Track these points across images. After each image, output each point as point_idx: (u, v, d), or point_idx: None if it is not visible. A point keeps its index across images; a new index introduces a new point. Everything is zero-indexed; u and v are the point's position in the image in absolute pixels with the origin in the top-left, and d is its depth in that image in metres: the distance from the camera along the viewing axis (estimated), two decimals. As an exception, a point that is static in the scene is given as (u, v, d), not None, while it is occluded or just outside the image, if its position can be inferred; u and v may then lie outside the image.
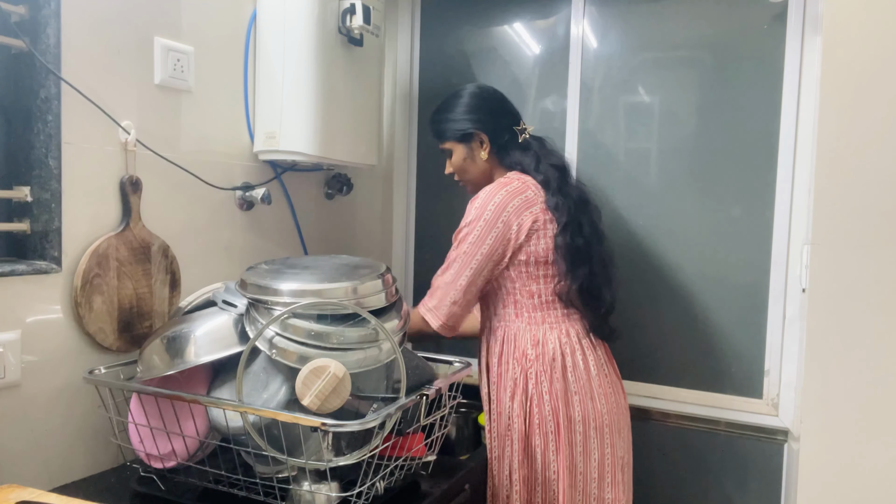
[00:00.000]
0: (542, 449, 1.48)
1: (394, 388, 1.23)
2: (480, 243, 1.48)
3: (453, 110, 1.61)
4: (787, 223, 1.78)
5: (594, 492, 1.49)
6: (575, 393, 1.49)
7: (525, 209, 1.50)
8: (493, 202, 1.48)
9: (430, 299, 1.54)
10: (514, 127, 1.62)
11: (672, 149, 1.91)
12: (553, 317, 1.53)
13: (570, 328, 1.53)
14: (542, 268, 1.51)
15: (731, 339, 1.86)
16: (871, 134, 1.42)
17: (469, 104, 1.61)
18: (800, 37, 1.75)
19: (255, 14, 1.65)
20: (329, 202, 2.03)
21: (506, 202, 1.49)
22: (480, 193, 1.52)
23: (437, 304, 1.52)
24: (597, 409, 1.49)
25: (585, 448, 1.48)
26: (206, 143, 1.56)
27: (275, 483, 1.13)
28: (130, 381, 1.24)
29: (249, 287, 1.20)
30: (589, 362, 1.51)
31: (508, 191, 1.50)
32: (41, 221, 1.26)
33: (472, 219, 1.49)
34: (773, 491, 1.76)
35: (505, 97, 1.66)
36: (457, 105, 1.61)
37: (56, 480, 1.26)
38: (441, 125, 1.63)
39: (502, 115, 1.63)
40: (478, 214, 1.49)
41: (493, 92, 1.65)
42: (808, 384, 1.49)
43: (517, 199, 1.50)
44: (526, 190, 1.52)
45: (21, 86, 1.26)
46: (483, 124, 1.59)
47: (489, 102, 1.63)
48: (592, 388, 1.50)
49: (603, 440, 1.50)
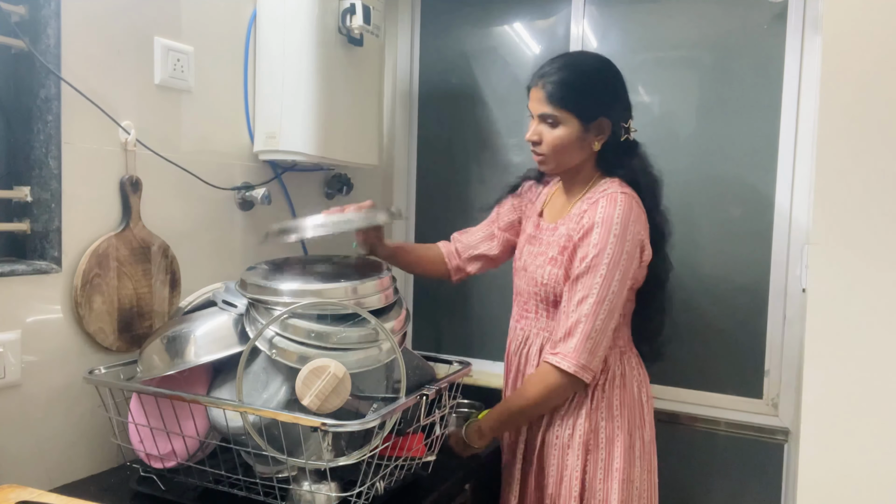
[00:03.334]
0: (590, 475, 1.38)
1: (394, 388, 1.23)
2: (623, 281, 1.31)
3: (592, 80, 1.38)
4: (787, 223, 1.78)
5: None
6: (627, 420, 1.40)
7: (646, 231, 1.36)
8: (630, 228, 1.30)
9: (581, 355, 1.30)
10: (623, 124, 1.40)
11: (672, 149, 1.90)
12: (622, 341, 1.44)
13: (631, 352, 1.47)
14: (631, 291, 1.40)
15: (731, 339, 1.86)
16: (871, 134, 1.42)
17: (610, 83, 1.39)
18: (800, 37, 1.75)
19: (255, 14, 1.65)
20: (329, 202, 2.03)
21: (637, 227, 1.32)
22: (611, 214, 1.31)
23: (590, 360, 1.31)
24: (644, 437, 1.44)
25: (629, 476, 1.39)
26: (206, 143, 1.56)
27: (275, 483, 1.13)
28: (130, 381, 1.24)
29: (249, 287, 1.20)
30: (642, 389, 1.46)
31: (636, 217, 1.32)
32: (41, 221, 1.26)
33: (612, 249, 1.30)
34: (773, 491, 1.76)
35: None
36: (596, 77, 1.38)
37: (56, 480, 1.26)
38: (566, 89, 1.35)
39: (627, 106, 1.42)
40: (618, 245, 1.29)
41: (621, 77, 1.42)
42: (808, 384, 1.48)
43: (642, 221, 1.35)
44: (643, 214, 1.36)
45: (21, 86, 1.26)
46: (615, 114, 1.38)
47: (622, 88, 1.41)
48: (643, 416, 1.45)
49: (643, 467, 1.44)
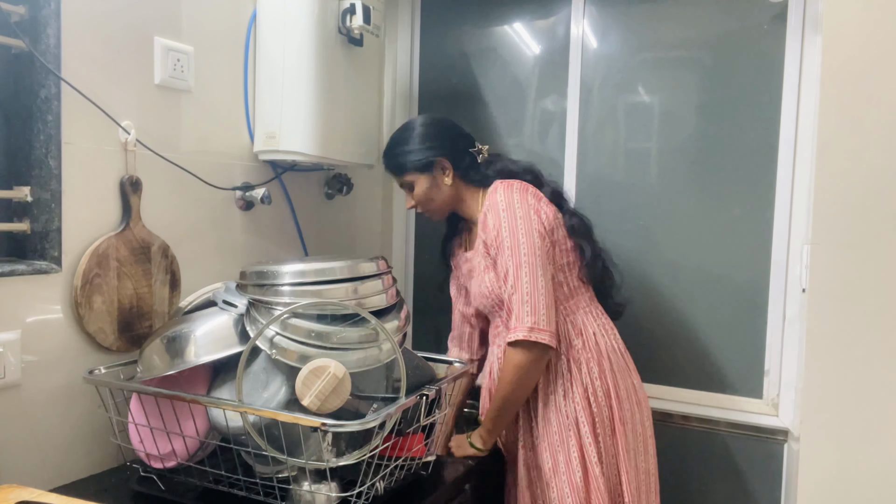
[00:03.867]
0: (608, 434, 1.48)
1: (394, 388, 1.23)
2: (531, 241, 1.44)
3: (409, 142, 1.59)
4: (787, 223, 1.78)
5: (643, 464, 1.53)
6: (617, 372, 1.51)
7: (539, 200, 1.51)
8: (515, 199, 1.47)
9: (525, 319, 1.40)
10: (470, 149, 1.61)
11: (672, 149, 1.90)
12: (584, 302, 1.55)
13: (596, 309, 1.57)
14: (565, 255, 1.52)
15: (731, 339, 1.86)
16: (871, 134, 1.42)
17: (424, 133, 1.59)
18: (800, 37, 1.75)
19: (255, 14, 1.65)
20: (329, 202, 2.03)
21: (524, 196, 1.49)
22: (494, 200, 1.49)
23: (536, 319, 1.40)
24: (634, 382, 1.56)
25: (632, 422, 1.51)
26: (206, 143, 1.56)
27: (275, 483, 1.13)
28: (130, 381, 1.24)
29: (249, 275, 1.20)
30: (619, 339, 1.58)
31: (518, 187, 1.50)
32: (41, 221, 1.26)
33: (507, 222, 1.45)
34: (773, 491, 1.76)
35: (455, 122, 1.66)
36: (411, 137, 1.59)
37: (56, 480, 1.26)
38: (398, 159, 1.60)
39: (458, 138, 1.62)
40: (510, 216, 1.45)
41: (443, 119, 1.65)
42: (808, 384, 1.49)
43: (530, 192, 1.51)
44: (528, 186, 1.53)
45: (21, 86, 1.26)
46: (443, 150, 1.58)
47: (443, 129, 1.62)
48: (628, 364, 1.56)
49: (643, 413, 1.55)
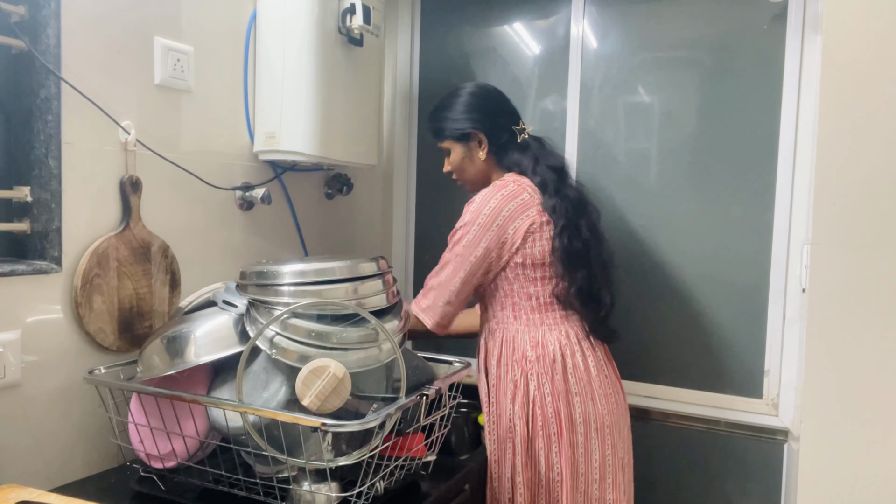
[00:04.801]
0: (545, 451, 1.47)
1: (394, 388, 1.23)
2: (474, 247, 1.48)
3: (452, 109, 1.60)
4: (787, 223, 1.78)
5: (596, 493, 1.48)
6: (576, 394, 1.48)
7: (521, 212, 1.49)
8: (489, 206, 1.48)
9: (424, 299, 1.54)
10: (513, 127, 1.61)
11: (672, 149, 1.91)
12: (552, 318, 1.52)
13: (570, 329, 1.52)
14: (540, 270, 1.51)
15: (731, 339, 1.86)
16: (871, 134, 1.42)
17: (468, 103, 1.59)
18: (800, 37, 1.75)
19: (255, 14, 1.65)
20: (329, 202, 2.03)
21: (501, 206, 1.48)
22: (477, 197, 1.52)
23: (431, 304, 1.52)
24: (597, 410, 1.49)
25: (587, 449, 1.48)
26: (206, 143, 1.56)
27: (275, 483, 1.13)
28: (130, 381, 1.24)
29: (249, 275, 1.20)
30: (589, 363, 1.51)
31: (504, 195, 1.49)
32: (41, 221, 1.25)
33: (468, 221, 1.49)
34: (773, 491, 1.76)
35: (505, 96, 1.65)
36: (455, 104, 1.60)
37: (56, 480, 1.26)
38: (439, 124, 1.62)
39: (501, 114, 1.62)
40: (473, 218, 1.49)
41: (492, 91, 1.64)
42: (808, 384, 1.49)
43: (513, 202, 1.49)
44: (521, 193, 1.51)
45: (21, 86, 1.26)
46: (481, 124, 1.58)
47: (488, 102, 1.61)
48: (593, 389, 1.49)
49: (604, 441, 1.50)
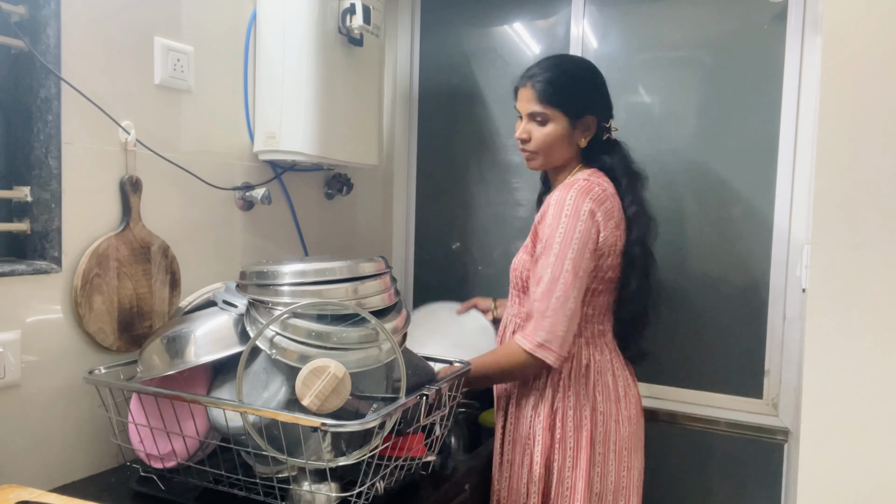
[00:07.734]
0: (559, 464, 1.42)
1: (394, 388, 1.23)
2: (577, 260, 1.34)
3: (579, 81, 1.45)
4: (787, 223, 1.78)
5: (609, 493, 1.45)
6: (601, 413, 1.43)
7: (608, 219, 1.40)
8: (584, 210, 1.36)
9: (539, 333, 1.35)
10: (605, 123, 1.49)
11: (672, 149, 1.91)
12: (590, 332, 1.46)
13: (605, 346, 1.47)
14: (597, 282, 1.43)
15: (731, 339, 1.86)
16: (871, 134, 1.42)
17: (596, 84, 1.47)
18: (800, 37, 1.75)
19: (255, 14, 1.65)
20: (329, 202, 2.03)
21: (594, 210, 1.37)
22: (563, 199, 1.38)
23: (549, 339, 1.34)
24: (619, 432, 1.45)
25: (604, 469, 1.43)
26: (206, 143, 1.56)
27: (275, 483, 1.13)
28: (130, 381, 1.24)
29: (249, 275, 1.20)
30: (618, 384, 1.46)
31: (593, 198, 1.38)
32: (41, 221, 1.25)
33: (562, 230, 1.36)
34: (773, 491, 1.76)
35: None
36: (584, 77, 1.46)
37: (56, 480, 1.26)
38: (556, 87, 1.42)
39: (610, 107, 1.51)
40: (568, 227, 1.35)
41: (604, 78, 1.51)
42: (808, 384, 1.48)
43: (602, 207, 1.39)
44: (606, 200, 1.41)
45: (21, 86, 1.26)
46: (600, 112, 1.46)
47: (606, 89, 1.50)
48: (619, 411, 1.45)
49: (621, 462, 1.45)
